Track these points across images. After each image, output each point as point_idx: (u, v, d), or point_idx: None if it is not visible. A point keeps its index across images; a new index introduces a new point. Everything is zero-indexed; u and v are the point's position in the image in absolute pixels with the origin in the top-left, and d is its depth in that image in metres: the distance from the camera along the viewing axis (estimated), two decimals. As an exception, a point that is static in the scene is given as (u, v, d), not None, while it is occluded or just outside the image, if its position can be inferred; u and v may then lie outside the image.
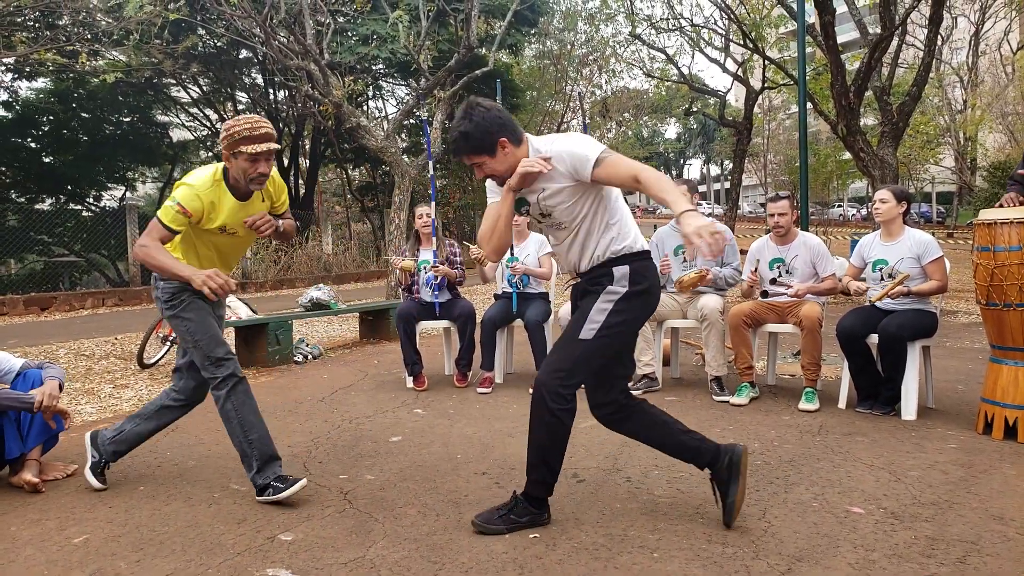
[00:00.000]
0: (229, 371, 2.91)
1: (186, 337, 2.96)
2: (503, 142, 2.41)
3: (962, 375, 5.11)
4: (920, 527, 2.52)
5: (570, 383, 2.45)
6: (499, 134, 2.40)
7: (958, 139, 26.92)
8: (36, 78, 16.10)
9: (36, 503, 2.93)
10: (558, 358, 2.48)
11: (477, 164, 2.47)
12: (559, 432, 2.47)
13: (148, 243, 2.80)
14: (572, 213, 2.48)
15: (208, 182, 2.85)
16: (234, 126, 2.77)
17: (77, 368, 6.14)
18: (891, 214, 4.14)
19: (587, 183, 2.41)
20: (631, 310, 2.48)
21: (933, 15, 9.56)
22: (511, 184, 2.45)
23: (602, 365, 2.53)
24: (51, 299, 11.08)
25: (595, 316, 2.46)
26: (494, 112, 2.41)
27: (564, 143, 2.46)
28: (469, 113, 2.40)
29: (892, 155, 9.93)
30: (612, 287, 2.47)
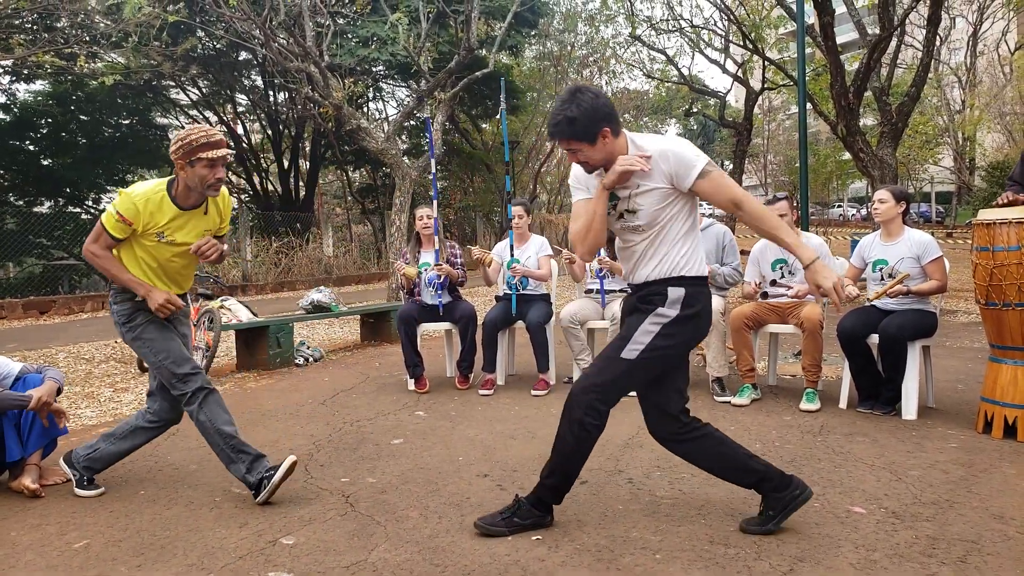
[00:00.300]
0: (197, 385, 2.93)
1: (149, 356, 2.96)
2: (605, 131, 2.34)
3: (962, 375, 5.12)
4: (921, 527, 2.52)
5: (605, 400, 2.43)
6: (603, 123, 2.33)
7: (957, 139, 26.94)
8: (34, 80, 16.09)
9: (36, 508, 2.93)
10: (597, 372, 2.46)
11: (573, 150, 2.40)
12: (585, 444, 2.48)
13: (96, 250, 2.87)
14: (656, 217, 2.42)
15: (149, 192, 2.85)
16: (189, 135, 2.78)
17: (77, 372, 6.14)
18: (890, 214, 4.14)
19: (682, 191, 2.38)
20: (680, 334, 2.45)
21: (931, 16, 9.58)
22: (607, 183, 2.40)
23: (650, 385, 2.50)
24: (50, 302, 11.08)
25: (640, 337, 2.42)
26: (601, 100, 2.34)
27: (671, 143, 2.41)
28: (576, 98, 2.32)
29: (891, 155, 9.93)
30: (663, 309, 2.42)
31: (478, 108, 21.20)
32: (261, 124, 21.83)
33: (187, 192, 2.87)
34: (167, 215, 2.88)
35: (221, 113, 20.79)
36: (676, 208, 2.43)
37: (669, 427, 2.54)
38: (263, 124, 21.57)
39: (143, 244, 2.91)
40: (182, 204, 2.89)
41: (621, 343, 2.45)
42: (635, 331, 2.43)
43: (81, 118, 17.00)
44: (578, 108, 2.30)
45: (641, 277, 2.49)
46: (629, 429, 3.83)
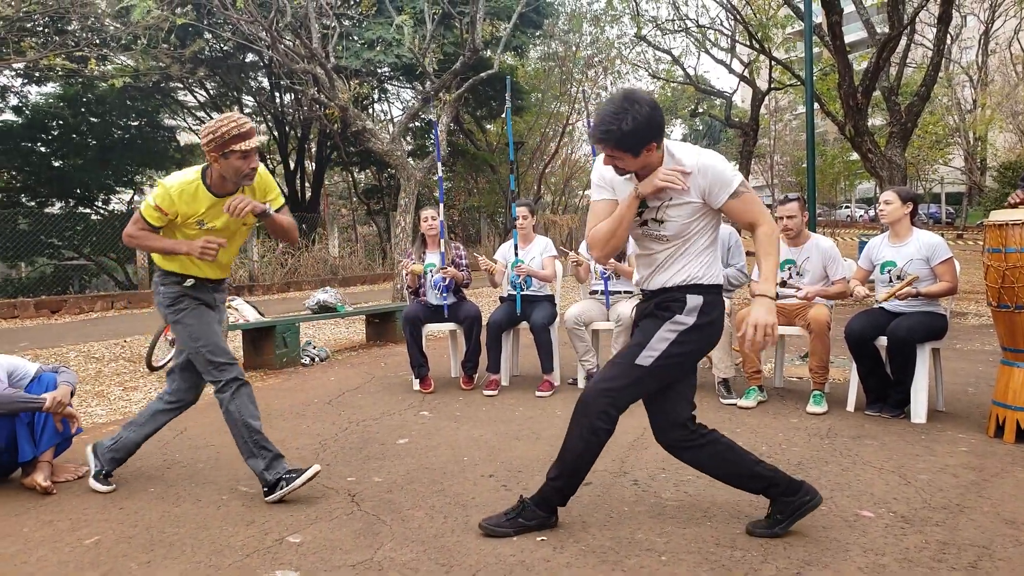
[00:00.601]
0: (231, 375, 2.94)
1: (188, 341, 2.99)
2: (652, 146, 2.28)
3: (972, 378, 5.08)
4: (931, 531, 2.50)
5: (618, 404, 2.43)
6: (653, 139, 2.27)
7: (968, 139, 26.76)
8: (45, 83, 16.20)
9: (48, 504, 2.94)
10: (610, 377, 2.45)
11: (613, 156, 2.32)
12: (594, 448, 2.47)
13: (135, 232, 2.90)
14: (684, 230, 2.40)
15: (183, 183, 2.87)
16: (220, 126, 2.72)
17: (87, 370, 6.17)
18: (896, 215, 4.12)
19: (713, 207, 2.37)
20: (695, 342, 2.45)
21: (942, 14, 9.53)
22: (642, 192, 2.35)
23: (658, 391, 2.49)
24: (61, 302, 11.14)
25: (656, 344, 2.41)
26: (656, 113, 2.25)
27: (710, 158, 2.36)
28: (632, 109, 2.22)
29: (900, 155, 9.89)
30: (680, 316, 2.41)
31: (482, 109, 21.22)
32: (267, 125, 21.90)
33: (222, 181, 2.87)
34: (204, 204, 2.89)
35: (228, 114, 20.84)
36: (704, 222, 2.41)
37: (676, 434, 2.53)
38: (269, 125, 21.64)
39: (185, 233, 2.95)
40: (218, 192, 2.89)
41: (636, 349, 2.43)
42: (651, 337, 2.42)
43: (91, 120, 17.10)
44: (633, 121, 2.21)
45: (658, 284, 2.48)
46: (634, 431, 3.82)
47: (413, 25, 10.11)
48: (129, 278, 15.63)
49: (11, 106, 16.39)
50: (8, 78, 15.60)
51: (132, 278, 14.53)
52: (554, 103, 22.82)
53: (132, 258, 13.37)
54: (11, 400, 3.02)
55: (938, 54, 10.16)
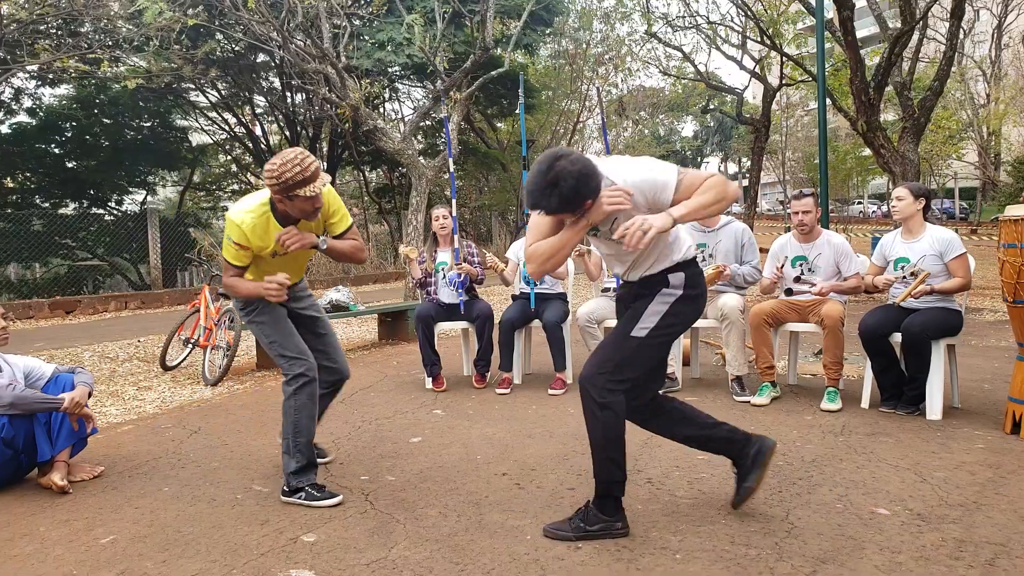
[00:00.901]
0: (299, 370, 3.00)
1: (262, 339, 3.08)
2: (587, 203, 2.31)
3: (988, 374, 5.04)
4: (947, 529, 2.48)
5: (618, 378, 2.42)
6: (583, 200, 2.29)
7: (981, 134, 26.54)
8: (59, 85, 16.33)
9: (64, 504, 2.97)
10: (605, 354, 2.48)
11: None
12: (613, 428, 2.43)
13: (229, 282, 2.99)
14: None
15: (254, 218, 2.87)
16: (284, 172, 2.67)
17: (101, 370, 6.22)
18: (908, 211, 4.09)
19: (664, 208, 2.36)
20: (683, 313, 2.50)
21: (955, 8, 9.43)
22: (594, 221, 2.39)
23: (649, 366, 2.52)
24: (75, 302, 11.24)
25: (649, 316, 2.45)
26: (580, 185, 2.23)
27: (640, 172, 2.37)
28: (553, 186, 2.22)
29: (913, 151, 9.81)
30: (668, 289, 2.48)
31: (493, 107, 21.21)
32: (279, 125, 21.99)
33: (288, 214, 2.89)
34: (273, 236, 2.89)
35: (240, 115, 20.97)
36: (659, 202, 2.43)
37: (638, 414, 2.66)
38: (281, 125, 21.72)
39: (263, 262, 3.01)
40: (284, 223, 2.91)
41: (629, 324, 2.48)
42: (642, 312, 2.47)
43: (104, 121, 17.24)
44: (559, 198, 2.24)
45: (637, 276, 2.56)
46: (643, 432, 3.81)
47: (423, 24, 10.12)
48: (142, 278, 15.75)
49: (25, 108, 16.54)
50: (22, 80, 15.73)
51: (145, 278, 14.63)
52: (565, 101, 22.77)
53: (145, 258, 13.47)
54: (30, 400, 3.05)
55: (951, 48, 10.06)
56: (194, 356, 6.23)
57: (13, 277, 15.32)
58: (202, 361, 5.74)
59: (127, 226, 14.98)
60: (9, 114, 16.44)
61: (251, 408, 4.65)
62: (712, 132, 52.02)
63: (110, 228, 16.00)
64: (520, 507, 2.79)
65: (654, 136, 36.43)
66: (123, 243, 14.95)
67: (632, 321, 2.47)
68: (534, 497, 2.90)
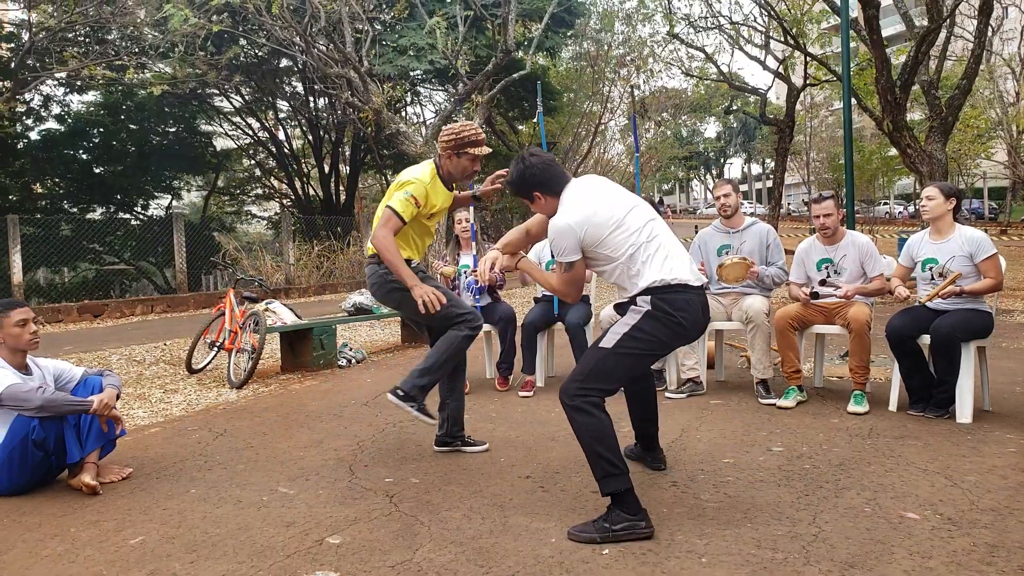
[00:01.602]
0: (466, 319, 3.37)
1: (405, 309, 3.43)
2: (536, 195, 2.84)
3: (1019, 377, 4.94)
4: (979, 533, 2.44)
5: (587, 386, 2.59)
6: (531, 190, 2.82)
7: (1011, 132, 26.00)
8: (87, 92, 16.65)
9: (94, 505, 3.02)
10: (581, 363, 2.70)
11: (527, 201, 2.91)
12: (594, 425, 2.55)
13: (386, 234, 3.27)
14: (591, 264, 2.80)
15: (428, 176, 3.35)
16: (462, 131, 3.31)
17: (129, 373, 6.32)
18: (939, 211, 4.02)
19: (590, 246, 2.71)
20: (652, 331, 2.63)
21: (983, 5, 9.29)
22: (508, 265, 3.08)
23: (618, 377, 2.68)
24: (103, 306, 11.43)
25: (618, 328, 2.67)
26: (524, 174, 2.82)
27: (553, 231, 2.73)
28: (510, 171, 2.89)
29: (941, 150, 9.66)
30: (635, 306, 2.68)
31: (514, 110, 21.23)
32: (302, 130, 22.20)
33: (450, 175, 3.42)
34: (440, 195, 3.41)
35: (263, 119, 21.21)
36: (594, 254, 2.72)
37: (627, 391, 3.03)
38: (304, 130, 21.93)
39: (413, 222, 3.35)
40: (447, 185, 3.45)
41: (602, 336, 2.74)
42: (612, 326, 2.73)
43: (130, 127, 17.53)
44: (511, 180, 2.90)
45: (626, 297, 2.79)
46: (673, 431, 3.79)
47: (445, 28, 10.16)
48: (168, 282, 15.98)
49: (54, 115, 16.88)
50: (51, 87, 16.04)
51: (171, 282, 14.84)
52: (586, 103, 22.72)
53: (170, 262, 13.67)
54: (60, 403, 3.10)
55: (979, 46, 9.89)
56: (219, 359, 6.30)
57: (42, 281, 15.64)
58: (227, 364, 5.80)
59: (153, 230, 15.22)
60: (38, 121, 16.78)
61: (276, 411, 4.69)
62: (735, 133, 51.65)
63: (136, 233, 16.26)
64: (544, 510, 2.79)
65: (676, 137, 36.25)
66: (149, 247, 15.18)
67: (604, 334, 2.72)
68: (558, 500, 2.89)
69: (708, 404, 4.41)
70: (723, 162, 58.22)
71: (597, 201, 2.73)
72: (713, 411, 4.25)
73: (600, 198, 2.75)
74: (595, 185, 2.85)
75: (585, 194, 2.76)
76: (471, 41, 13.25)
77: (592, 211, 2.68)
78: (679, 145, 35.05)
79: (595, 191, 2.79)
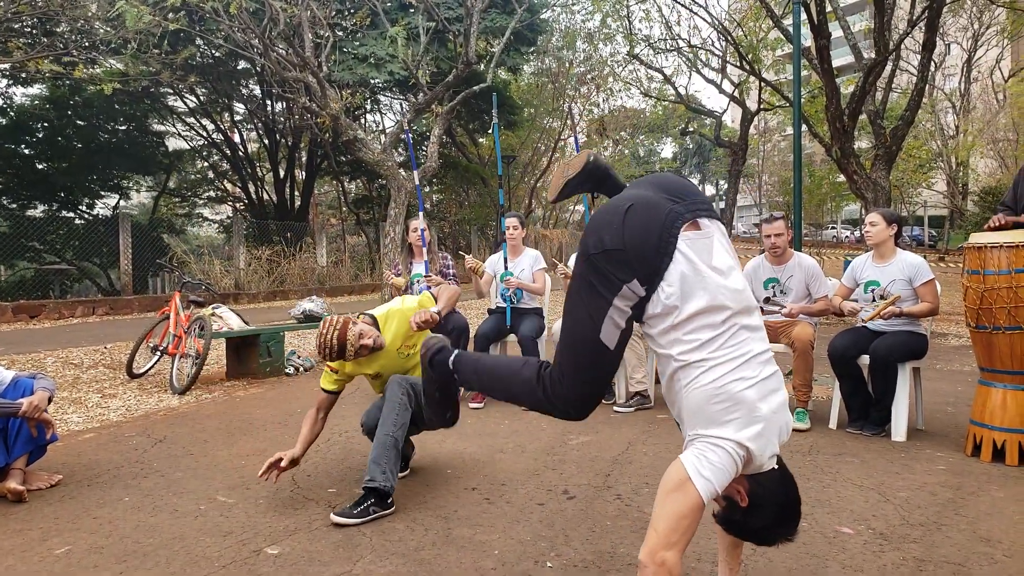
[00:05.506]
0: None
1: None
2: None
3: (951, 397, 5.13)
4: (908, 548, 2.51)
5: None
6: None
7: (950, 164, 27.16)
8: (32, 84, 16.09)
9: (19, 513, 2.89)
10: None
11: None
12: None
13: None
14: None
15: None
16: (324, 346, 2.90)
17: (65, 377, 6.09)
18: (881, 236, 4.17)
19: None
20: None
21: (926, 41, 9.68)
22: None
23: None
24: (40, 307, 11.00)
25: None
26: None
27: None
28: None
29: (885, 178, 10.01)
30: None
31: (475, 122, 21.31)
32: (258, 133, 21.86)
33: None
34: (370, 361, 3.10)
35: (218, 121, 20.82)
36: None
37: None
38: (260, 133, 21.60)
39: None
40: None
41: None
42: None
43: (78, 123, 17.00)
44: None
45: None
46: (618, 445, 3.82)
47: (406, 38, 10.15)
48: (112, 283, 15.50)
49: (-5, 107, 16.28)
50: (-7, 79, 15.48)
51: (115, 283, 14.40)
52: (547, 118, 22.94)
53: (115, 263, 13.26)
54: (-13, 404, 2.97)
55: (922, 80, 10.31)
56: (162, 364, 6.13)
57: (-23, 279, 15.00)
58: (170, 369, 5.65)
59: (98, 230, 14.74)
60: (-22, 112, 16.16)
61: (219, 418, 4.58)
62: (691, 154, 52.69)
63: (80, 232, 15.73)
64: (488, 522, 2.78)
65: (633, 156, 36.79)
66: (93, 247, 14.70)
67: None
68: (503, 512, 2.88)
69: (655, 418, 4.45)
70: (678, 182, 59.19)
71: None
72: (659, 425, 4.30)
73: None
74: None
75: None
76: (433, 52, 13.26)
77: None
78: (636, 164, 35.58)
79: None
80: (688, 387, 1.76)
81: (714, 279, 1.77)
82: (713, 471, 1.69)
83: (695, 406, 1.75)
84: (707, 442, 1.72)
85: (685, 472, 1.69)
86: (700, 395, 1.73)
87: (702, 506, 1.68)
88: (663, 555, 1.65)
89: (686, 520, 1.67)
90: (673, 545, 1.66)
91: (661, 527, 1.68)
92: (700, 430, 1.75)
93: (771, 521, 1.85)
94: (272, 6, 9.26)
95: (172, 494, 3.11)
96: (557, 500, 3.00)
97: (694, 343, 1.74)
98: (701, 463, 1.70)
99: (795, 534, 1.90)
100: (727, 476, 1.72)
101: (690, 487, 1.68)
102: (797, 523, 1.90)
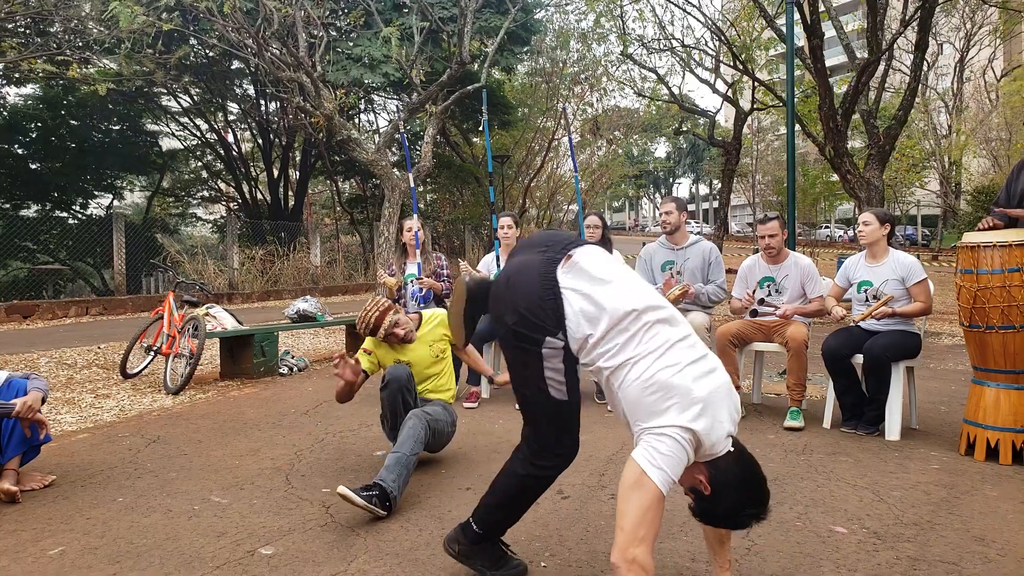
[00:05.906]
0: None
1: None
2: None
3: (945, 396, 5.15)
4: (902, 547, 2.52)
5: None
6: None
7: (943, 163, 27.28)
8: (25, 84, 16.02)
9: (12, 514, 2.88)
10: None
11: None
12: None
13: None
14: None
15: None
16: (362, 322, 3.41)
17: (58, 377, 6.07)
18: (874, 236, 4.18)
19: None
20: None
21: (919, 41, 9.73)
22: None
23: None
24: (34, 307, 10.96)
25: None
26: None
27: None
28: None
29: (878, 177, 10.05)
30: None
31: (469, 122, 21.29)
32: (252, 133, 21.81)
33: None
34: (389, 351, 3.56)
35: (212, 121, 20.75)
36: None
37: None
38: (254, 133, 21.55)
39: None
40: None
41: None
42: None
43: (71, 123, 16.93)
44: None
45: None
46: (611, 445, 3.82)
47: (400, 38, 10.14)
48: (106, 283, 15.45)
49: (-12, 107, 16.20)
50: (-14, 78, 15.41)
51: (108, 284, 14.35)
52: (540, 118, 22.93)
53: (109, 263, 13.21)
54: (-21, 405, 2.96)
55: (915, 80, 10.35)
56: (156, 364, 6.11)
57: (-31, 279, 14.92)
58: (164, 369, 5.63)
59: (91, 230, 14.68)
60: (-30, 112, 16.08)
61: (213, 418, 4.56)
62: (684, 153, 52.80)
63: (73, 232, 15.68)
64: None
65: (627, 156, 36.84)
66: (87, 247, 14.65)
67: None
68: (497, 512, 2.88)
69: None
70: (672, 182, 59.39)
71: None
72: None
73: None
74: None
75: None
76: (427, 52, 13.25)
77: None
78: (630, 164, 35.63)
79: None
80: (622, 387, 1.86)
81: (606, 293, 1.91)
82: (665, 460, 1.76)
83: (633, 401, 1.85)
84: (653, 434, 1.80)
85: (639, 467, 1.77)
86: (634, 390, 1.84)
87: (662, 497, 1.75)
88: (633, 552, 1.70)
89: (650, 513, 1.73)
90: (641, 540, 1.71)
91: (627, 524, 1.73)
92: (643, 423, 1.83)
93: (736, 502, 1.91)
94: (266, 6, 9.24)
95: (166, 494, 3.10)
96: (551, 500, 3.00)
97: (614, 349, 1.88)
98: (652, 455, 1.77)
99: (766, 513, 1.97)
100: (680, 463, 1.79)
101: (647, 480, 1.74)
102: (765, 502, 1.96)
